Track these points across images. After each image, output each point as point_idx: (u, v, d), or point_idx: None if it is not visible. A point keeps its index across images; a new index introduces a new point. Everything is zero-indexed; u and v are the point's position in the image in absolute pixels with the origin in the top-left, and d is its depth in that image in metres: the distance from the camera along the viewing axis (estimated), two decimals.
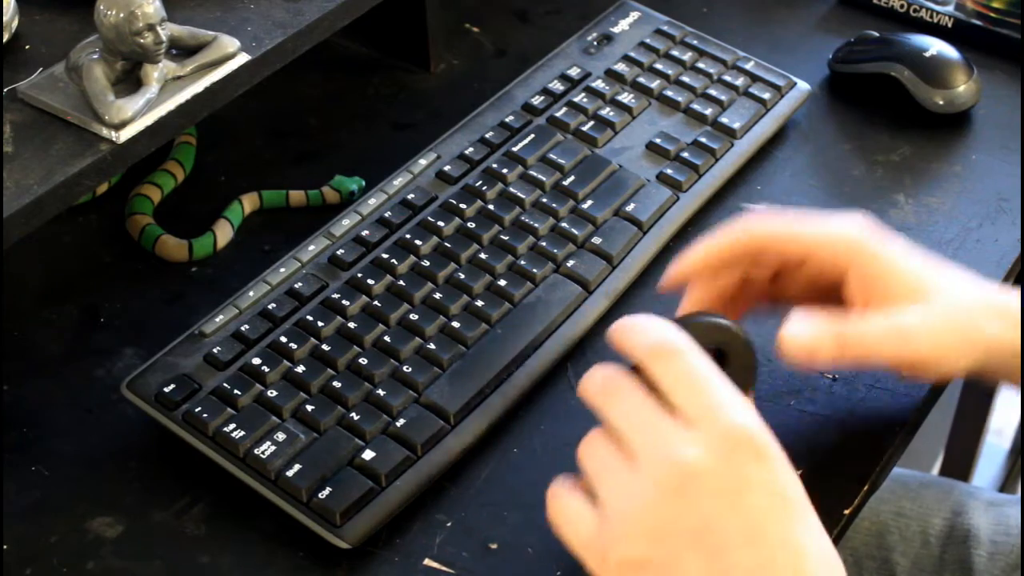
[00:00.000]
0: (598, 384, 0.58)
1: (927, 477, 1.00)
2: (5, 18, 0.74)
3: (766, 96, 0.90)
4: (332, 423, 0.70)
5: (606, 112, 0.88)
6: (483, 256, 0.78)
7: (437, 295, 0.76)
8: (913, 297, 0.65)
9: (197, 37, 0.75)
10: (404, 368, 0.72)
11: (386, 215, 0.81)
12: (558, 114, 0.88)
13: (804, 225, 0.68)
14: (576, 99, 0.89)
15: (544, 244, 0.79)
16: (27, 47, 0.76)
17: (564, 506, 0.57)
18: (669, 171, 0.85)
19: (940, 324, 0.65)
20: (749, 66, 0.92)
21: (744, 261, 0.68)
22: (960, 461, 1.53)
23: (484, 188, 0.83)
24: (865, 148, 0.90)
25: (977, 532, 0.91)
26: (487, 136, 0.86)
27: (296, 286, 0.77)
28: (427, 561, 0.66)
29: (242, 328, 0.74)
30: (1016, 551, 0.89)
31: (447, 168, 0.84)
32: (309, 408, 0.70)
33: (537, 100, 0.89)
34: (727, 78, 0.91)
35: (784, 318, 0.65)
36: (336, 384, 0.71)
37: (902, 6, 1.00)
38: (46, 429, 0.73)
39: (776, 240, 0.68)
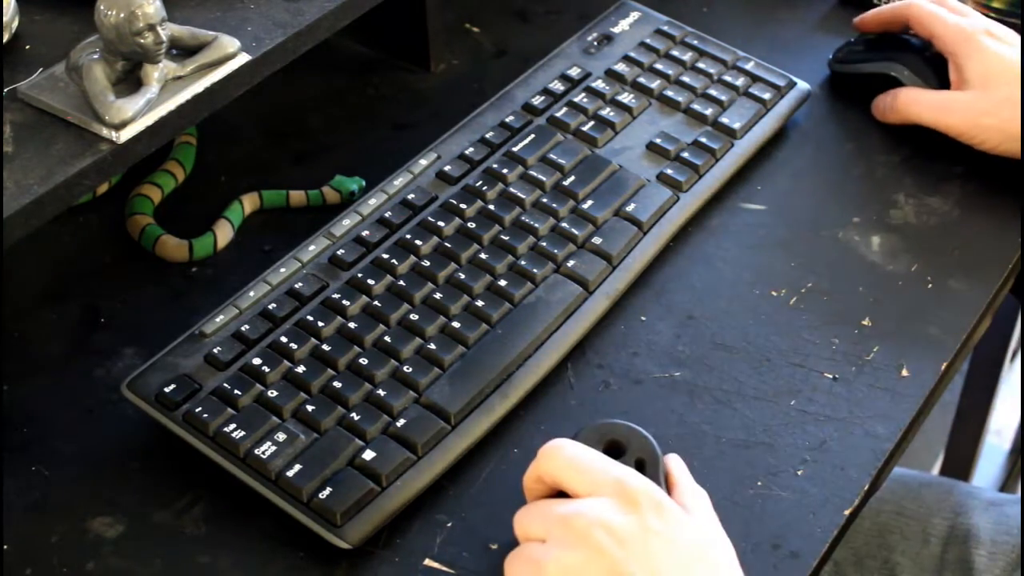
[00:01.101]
0: (518, 520, 0.63)
1: (928, 477, 1.00)
2: (5, 18, 0.74)
3: (766, 96, 0.90)
4: (332, 423, 0.70)
5: (606, 112, 0.88)
6: (483, 256, 0.78)
7: (437, 295, 0.76)
8: (978, 83, 0.85)
9: (197, 37, 0.75)
10: (404, 368, 0.72)
11: (386, 215, 0.81)
12: (558, 114, 0.88)
13: (935, 17, 0.88)
14: (576, 99, 0.89)
15: (544, 244, 0.79)
16: (27, 47, 0.76)
17: None
18: (669, 171, 0.85)
19: (982, 107, 0.85)
20: (749, 66, 0.92)
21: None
22: (960, 461, 1.53)
23: (484, 188, 0.83)
24: (865, 148, 0.90)
25: (978, 532, 0.91)
26: (487, 136, 0.86)
27: (296, 286, 0.77)
28: (427, 561, 0.66)
29: (242, 328, 0.74)
30: (1017, 551, 0.89)
31: (447, 168, 0.84)
32: (309, 408, 0.70)
33: (537, 100, 0.89)
34: (727, 78, 0.91)
35: None
36: (336, 384, 0.71)
37: None
38: (46, 429, 0.73)
39: (916, 21, 0.89)
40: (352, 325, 0.74)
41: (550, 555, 0.58)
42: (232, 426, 0.69)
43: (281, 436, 0.69)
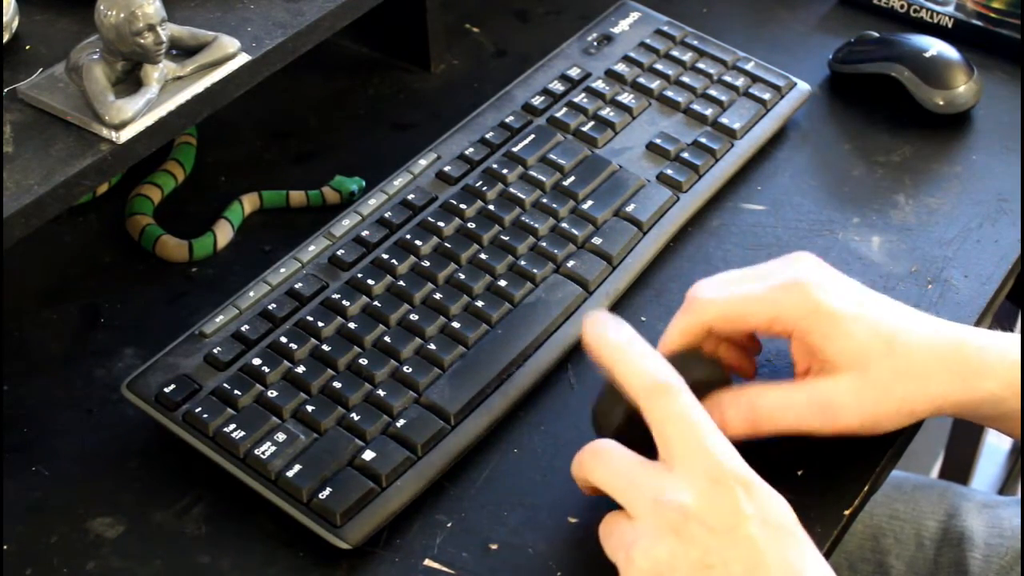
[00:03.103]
0: (585, 454, 0.61)
1: (921, 479, 1.00)
2: (5, 18, 0.74)
3: (766, 96, 0.90)
4: (332, 423, 0.70)
5: (606, 112, 0.88)
6: (483, 256, 0.78)
7: (437, 295, 0.76)
8: (850, 368, 0.65)
9: (197, 37, 0.75)
10: (404, 368, 0.72)
11: (386, 215, 0.81)
12: (558, 114, 0.88)
13: (746, 302, 0.66)
14: (576, 99, 0.89)
15: (544, 244, 0.79)
16: (27, 47, 0.76)
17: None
18: (669, 171, 0.85)
19: (869, 400, 0.65)
20: (749, 66, 0.92)
21: (710, 338, 0.69)
22: (960, 462, 1.53)
23: (484, 188, 0.83)
24: (865, 148, 0.90)
25: (971, 534, 0.91)
26: (487, 136, 0.86)
27: (296, 286, 0.77)
28: (427, 561, 0.66)
29: (242, 328, 0.74)
30: (1011, 553, 0.89)
31: (447, 168, 0.84)
32: (309, 408, 0.70)
33: (537, 100, 0.89)
34: (727, 78, 0.91)
35: None
36: (336, 384, 0.71)
37: (902, 6, 1.00)
38: (46, 429, 0.73)
39: (725, 321, 0.67)
40: (352, 325, 0.74)
41: (639, 545, 0.57)
42: (232, 426, 0.69)
43: (281, 436, 0.69)
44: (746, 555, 0.56)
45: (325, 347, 0.73)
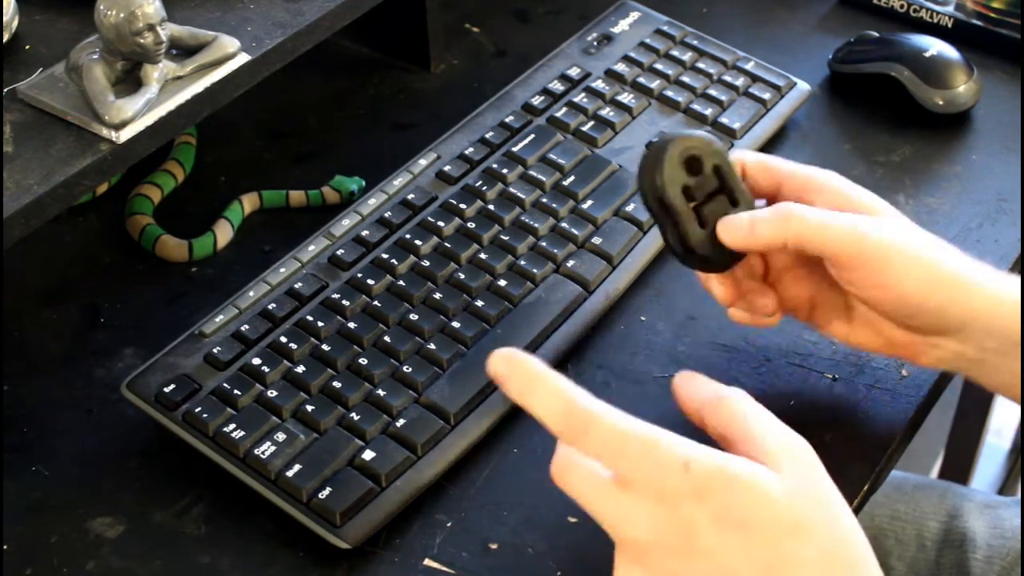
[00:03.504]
0: (557, 463, 0.57)
1: (922, 480, 1.00)
2: (5, 18, 0.74)
3: (766, 96, 0.90)
4: (332, 423, 0.70)
5: (606, 112, 0.88)
6: (483, 256, 0.78)
7: (437, 295, 0.76)
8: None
9: (197, 37, 0.75)
10: (404, 368, 0.72)
11: (386, 215, 0.81)
12: (558, 114, 0.88)
13: (834, 224, 0.64)
14: (576, 99, 0.89)
15: (544, 244, 0.79)
16: (27, 47, 0.76)
17: None
18: None
19: (894, 241, 0.63)
20: (749, 66, 0.92)
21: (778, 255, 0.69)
22: (960, 461, 1.53)
23: (484, 188, 0.83)
24: (865, 148, 0.90)
25: (973, 535, 0.91)
26: (487, 136, 0.86)
27: (296, 286, 0.77)
28: (427, 561, 0.66)
29: (242, 328, 0.74)
30: (1012, 554, 0.89)
31: (447, 168, 0.84)
32: (309, 408, 0.70)
33: (537, 100, 0.89)
34: (727, 78, 0.91)
35: None
36: (336, 384, 0.71)
37: (902, 6, 1.00)
38: (46, 429, 0.73)
39: (808, 244, 0.65)
40: (352, 325, 0.74)
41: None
42: (232, 426, 0.69)
43: (281, 436, 0.69)
44: (709, 567, 0.54)
45: (325, 347, 0.73)
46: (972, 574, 0.89)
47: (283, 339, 0.73)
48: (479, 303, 0.75)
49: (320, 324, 0.74)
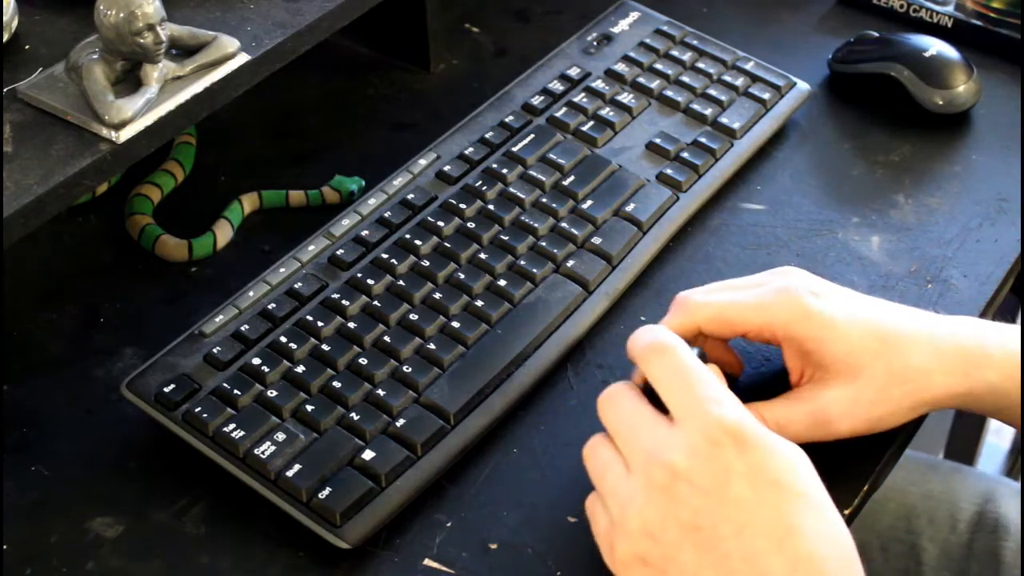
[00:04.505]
0: (603, 395, 0.61)
1: (953, 463, 1.00)
2: (5, 18, 0.74)
3: (766, 96, 0.90)
4: (332, 423, 0.70)
5: (606, 112, 0.88)
6: (483, 256, 0.78)
7: (437, 295, 0.76)
8: (844, 374, 0.65)
9: (197, 37, 0.75)
10: (404, 368, 0.72)
11: (386, 215, 0.81)
12: (558, 114, 0.88)
13: (738, 306, 0.66)
14: (576, 99, 0.89)
15: (544, 244, 0.79)
16: (27, 47, 0.76)
17: (591, 501, 0.61)
18: (669, 171, 0.85)
19: (865, 404, 0.65)
20: (749, 66, 0.92)
21: (697, 339, 0.69)
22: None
23: (484, 188, 0.83)
24: (865, 148, 0.90)
25: (1006, 522, 0.90)
26: (487, 136, 0.86)
27: (296, 286, 0.77)
28: (427, 561, 0.66)
29: (242, 328, 0.74)
30: None
31: (447, 168, 0.84)
32: (309, 408, 0.70)
33: (537, 100, 0.89)
34: (727, 78, 0.91)
35: None
36: (336, 384, 0.71)
37: (902, 6, 1.00)
38: (46, 429, 0.73)
39: (717, 324, 0.67)
40: (352, 325, 0.74)
41: (633, 505, 0.57)
42: (232, 426, 0.69)
43: (281, 436, 0.69)
44: (734, 515, 0.55)
45: (325, 347, 0.73)
46: (1004, 563, 0.88)
47: (283, 339, 0.73)
48: (479, 303, 0.75)
49: (320, 324, 0.74)
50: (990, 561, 0.89)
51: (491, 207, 0.81)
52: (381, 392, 0.71)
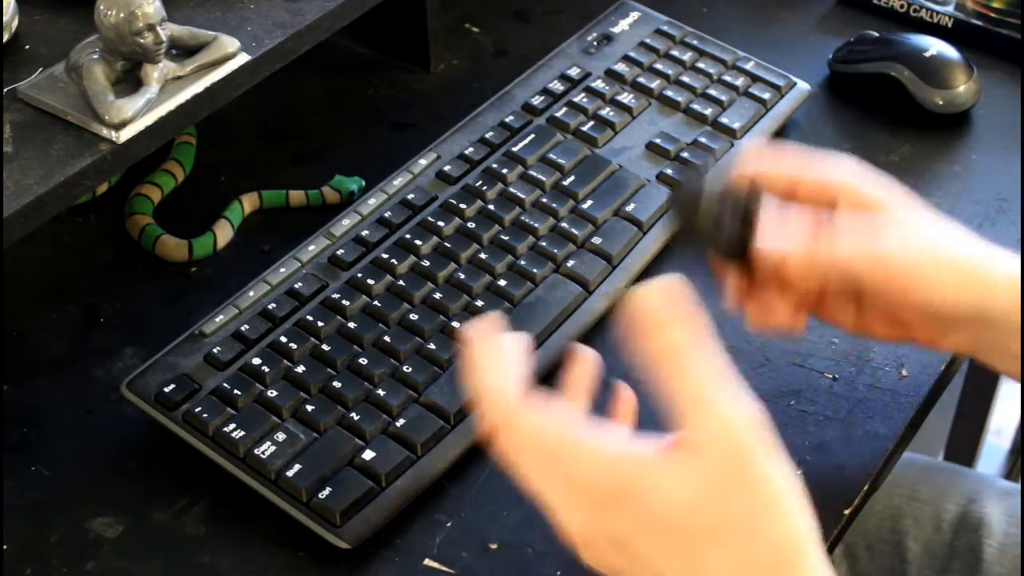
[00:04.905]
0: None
1: (942, 463, 1.00)
2: (5, 18, 0.74)
3: (766, 96, 0.90)
4: (332, 423, 0.70)
5: (606, 112, 0.88)
6: (483, 256, 0.78)
7: (437, 295, 0.76)
8: (899, 227, 0.64)
9: (197, 37, 0.75)
10: (404, 368, 0.72)
11: (386, 215, 0.81)
12: (558, 114, 0.88)
13: (808, 169, 0.66)
14: (576, 99, 0.89)
15: (544, 244, 0.79)
16: (27, 47, 0.76)
17: None
18: (669, 171, 0.85)
19: (918, 250, 0.63)
20: (749, 66, 0.92)
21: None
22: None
23: (484, 188, 0.83)
24: (865, 148, 0.90)
25: (989, 521, 0.91)
26: (487, 136, 0.86)
27: (296, 286, 0.77)
28: (427, 561, 0.66)
29: (242, 328, 0.74)
30: None
31: (447, 168, 0.84)
32: (309, 408, 0.70)
33: (537, 100, 0.89)
34: (727, 78, 0.91)
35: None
36: (336, 384, 0.71)
37: (902, 6, 1.00)
38: (46, 429, 0.73)
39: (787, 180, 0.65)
40: (352, 325, 0.74)
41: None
42: (232, 426, 0.69)
43: (281, 436, 0.69)
44: (644, 569, 0.52)
45: (325, 347, 0.73)
46: (985, 561, 0.89)
47: (283, 339, 0.73)
48: (479, 303, 0.75)
49: (320, 324, 0.74)
50: (971, 558, 0.89)
51: (491, 207, 0.81)
52: (381, 392, 0.71)
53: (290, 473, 0.67)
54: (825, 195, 0.66)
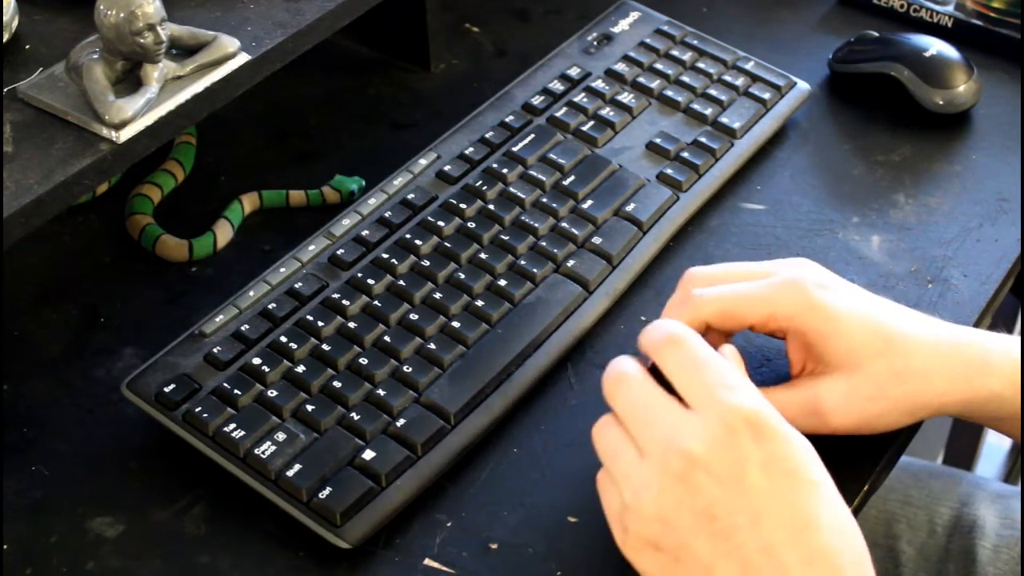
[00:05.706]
0: (611, 377, 0.61)
1: (936, 467, 1.00)
2: (5, 18, 0.74)
3: (766, 96, 0.90)
4: (332, 423, 0.70)
5: (606, 112, 0.88)
6: (483, 256, 0.78)
7: (437, 295, 0.76)
8: (843, 367, 0.65)
9: (197, 37, 0.75)
10: (404, 368, 0.72)
11: (386, 215, 0.81)
12: (558, 114, 0.88)
13: (743, 299, 0.66)
14: (576, 99, 0.89)
15: (544, 244, 0.79)
16: (27, 47, 0.76)
17: (602, 477, 0.60)
18: (669, 171, 0.85)
19: (861, 400, 0.65)
20: (749, 66, 0.92)
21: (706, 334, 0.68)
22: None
23: (484, 188, 0.83)
24: (865, 148, 0.90)
25: (983, 523, 0.91)
26: (487, 136, 0.86)
27: (296, 286, 0.77)
28: (427, 561, 0.66)
29: (242, 328, 0.74)
30: (1020, 545, 0.89)
31: (447, 168, 0.84)
32: (309, 408, 0.70)
33: (537, 100, 0.89)
34: (727, 78, 0.91)
35: None
36: (336, 384, 0.71)
37: (902, 6, 1.00)
38: (46, 429, 0.73)
39: (722, 317, 0.66)
40: (352, 325, 0.74)
41: (649, 491, 0.56)
42: (232, 426, 0.69)
43: (281, 436, 0.69)
44: (749, 505, 0.55)
45: (325, 347, 0.73)
46: (979, 562, 0.89)
47: (283, 339, 0.73)
48: (479, 303, 0.75)
49: (320, 324, 0.74)
50: (965, 560, 0.90)
51: (491, 207, 0.81)
52: (381, 392, 0.71)
53: (290, 473, 0.67)
54: (770, 327, 0.67)
